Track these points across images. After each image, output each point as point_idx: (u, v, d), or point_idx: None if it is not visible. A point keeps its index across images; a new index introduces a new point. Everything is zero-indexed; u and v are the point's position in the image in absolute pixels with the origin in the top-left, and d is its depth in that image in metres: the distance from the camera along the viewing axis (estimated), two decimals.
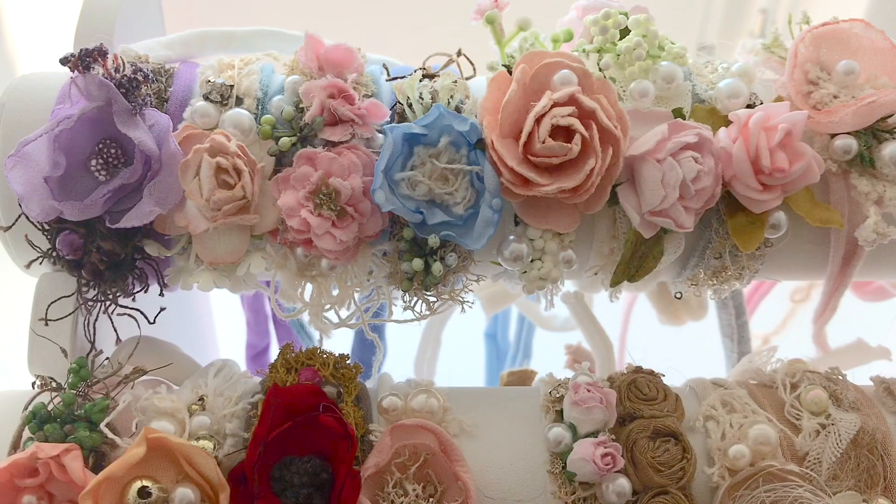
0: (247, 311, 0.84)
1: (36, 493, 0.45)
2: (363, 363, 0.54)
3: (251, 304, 0.83)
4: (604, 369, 0.67)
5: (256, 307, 0.83)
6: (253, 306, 0.83)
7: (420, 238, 0.50)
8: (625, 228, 0.53)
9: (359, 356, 0.70)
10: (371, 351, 0.58)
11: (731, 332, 0.69)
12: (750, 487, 0.47)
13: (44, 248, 0.51)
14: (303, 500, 0.45)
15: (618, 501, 0.47)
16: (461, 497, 0.46)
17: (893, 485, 0.49)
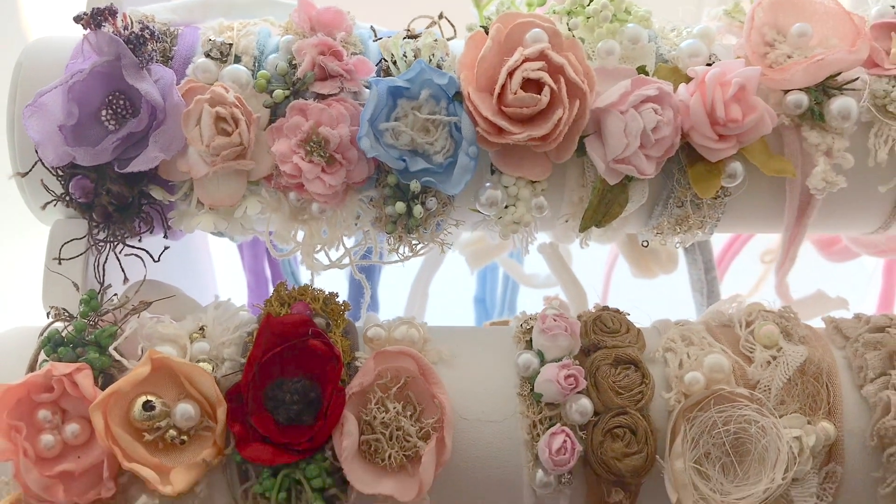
0: (248, 274, 0.88)
1: (50, 408, 0.50)
2: (353, 308, 0.59)
3: (252, 267, 0.88)
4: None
5: (257, 270, 0.88)
6: (253, 269, 0.88)
7: (403, 184, 0.55)
8: (593, 178, 0.57)
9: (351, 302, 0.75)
10: (361, 297, 0.62)
11: (701, 286, 0.73)
12: (702, 409, 0.51)
13: (58, 193, 0.56)
14: (293, 416, 0.50)
15: (581, 420, 0.51)
16: (437, 415, 0.51)
17: (836, 410, 0.53)
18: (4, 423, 0.48)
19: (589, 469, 0.52)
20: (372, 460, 0.50)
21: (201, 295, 0.82)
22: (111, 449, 0.48)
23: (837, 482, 0.53)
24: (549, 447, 0.50)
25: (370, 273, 0.73)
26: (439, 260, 0.76)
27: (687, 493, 0.49)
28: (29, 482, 0.48)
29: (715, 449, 0.51)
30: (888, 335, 0.55)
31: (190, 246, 0.82)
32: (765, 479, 0.49)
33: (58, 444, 0.49)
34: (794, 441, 0.51)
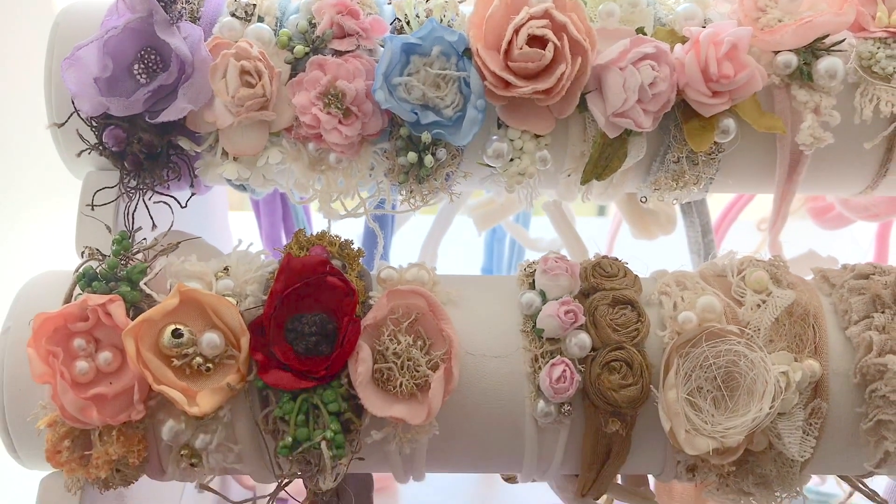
0: (265, 242, 0.92)
1: (85, 336, 0.53)
2: (367, 259, 0.62)
3: (269, 235, 0.92)
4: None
5: (274, 238, 0.91)
6: (270, 237, 0.92)
7: (414, 136, 0.58)
8: (594, 133, 0.61)
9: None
10: (374, 249, 0.66)
11: (698, 248, 0.77)
12: (694, 345, 0.54)
13: (92, 142, 0.59)
14: (311, 347, 0.53)
15: (579, 354, 0.54)
16: (445, 347, 0.54)
17: (821, 349, 0.56)
18: (43, 350, 0.52)
19: (587, 401, 0.55)
20: (384, 388, 0.53)
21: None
22: (142, 373, 0.51)
23: (823, 418, 0.56)
24: (549, 376, 0.53)
25: (383, 227, 0.77)
26: (447, 223, 0.80)
27: (679, 422, 0.53)
28: (65, 403, 0.51)
29: (706, 383, 0.54)
30: (872, 281, 0.58)
31: (209, 218, 0.85)
32: (753, 410, 0.52)
33: (91, 370, 0.53)
34: (780, 376, 0.54)
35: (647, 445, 0.57)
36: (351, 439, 0.53)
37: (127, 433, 0.53)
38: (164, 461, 0.56)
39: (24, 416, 0.55)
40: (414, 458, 0.57)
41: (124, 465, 0.54)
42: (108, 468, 0.53)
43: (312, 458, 0.52)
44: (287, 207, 0.90)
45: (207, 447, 0.54)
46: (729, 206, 0.85)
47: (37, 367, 0.52)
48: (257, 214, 0.89)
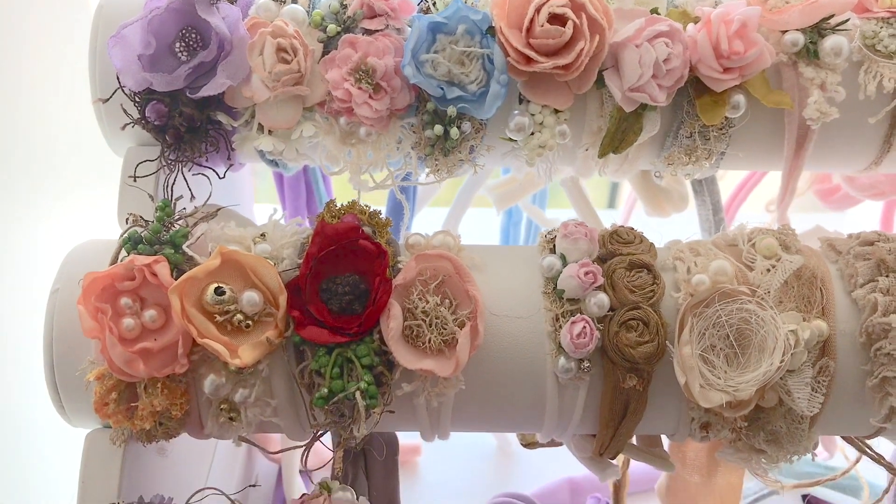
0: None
1: (131, 295, 0.56)
2: (394, 230, 0.66)
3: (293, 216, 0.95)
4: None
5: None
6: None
7: (440, 110, 0.61)
8: (611, 108, 0.64)
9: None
10: (401, 221, 0.69)
11: (710, 226, 0.80)
12: (707, 305, 0.57)
13: (135, 117, 0.63)
14: (345, 306, 0.56)
15: (598, 313, 0.57)
16: (471, 307, 0.57)
17: (829, 311, 0.59)
18: (92, 307, 0.55)
19: (606, 359, 0.58)
20: (414, 344, 0.56)
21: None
22: (186, 327, 0.54)
23: (830, 376, 0.59)
24: (570, 333, 0.56)
25: (408, 200, 0.80)
26: (468, 202, 0.83)
27: (694, 376, 0.55)
28: (113, 357, 0.55)
29: (719, 341, 0.57)
30: (876, 247, 0.61)
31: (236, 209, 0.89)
32: (764, 365, 0.55)
33: (137, 327, 0.56)
34: (790, 334, 0.57)
35: (662, 405, 0.60)
36: (383, 392, 0.56)
37: (170, 386, 0.56)
38: (204, 416, 0.59)
39: (72, 373, 0.59)
40: (441, 412, 0.59)
41: (167, 417, 0.57)
42: (153, 420, 0.56)
43: (346, 409, 0.55)
44: (311, 194, 0.93)
45: (246, 401, 0.57)
46: (738, 187, 0.88)
47: (86, 322, 0.55)
48: (282, 199, 0.92)
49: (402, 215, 0.68)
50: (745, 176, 0.89)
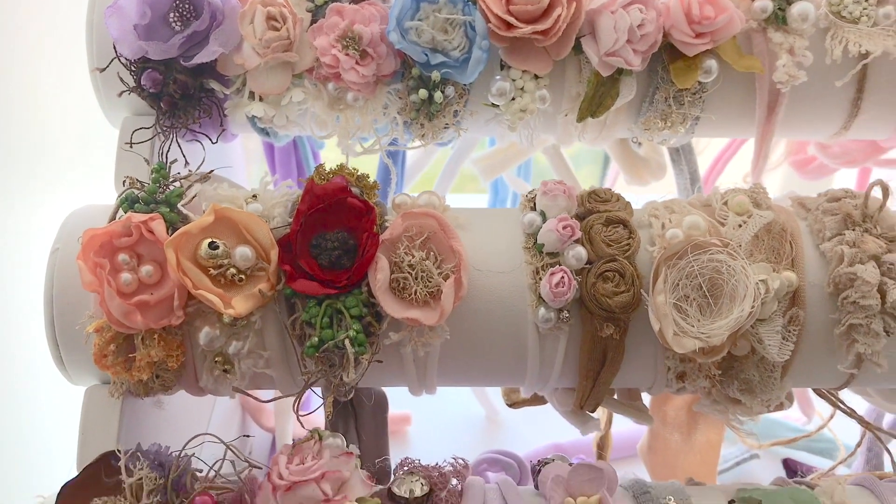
0: None
1: (128, 252, 0.59)
2: (381, 194, 0.68)
3: None
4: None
5: None
6: None
7: (425, 75, 0.64)
8: (588, 74, 0.66)
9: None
10: (388, 187, 0.71)
11: (687, 195, 0.82)
12: (680, 257, 0.60)
13: (131, 85, 0.65)
14: (334, 260, 0.59)
15: (576, 265, 0.60)
16: (455, 261, 0.60)
17: (798, 262, 0.62)
18: (91, 262, 0.57)
19: (584, 309, 0.61)
20: (400, 296, 0.59)
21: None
22: (181, 279, 0.57)
23: (800, 325, 0.61)
24: (549, 283, 0.59)
25: (395, 163, 0.83)
26: (454, 174, 0.85)
27: (668, 323, 0.58)
28: (112, 309, 0.57)
29: (692, 291, 0.59)
30: (843, 203, 0.64)
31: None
32: (735, 312, 0.58)
33: (134, 282, 0.58)
34: (760, 283, 0.59)
35: (639, 356, 0.63)
36: (371, 341, 0.59)
37: (167, 338, 0.58)
38: (199, 369, 0.61)
39: (72, 329, 0.61)
40: (427, 363, 0.62)
41: (163, 369, 0.59)
42: (150, 370, 0.58)
43: (336, 357, 0.58)
44: (301, 168, 0.95)
45: (239, 353, 0.60)
46: (715, 160, 0.91)
47: (86, 276, 0.57)
48: (272, 171, 0.94)
49: (389, 181, 0.70)
50: (722, 148, 0.92)
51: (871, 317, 0.60)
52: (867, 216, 0.63)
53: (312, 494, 0.55)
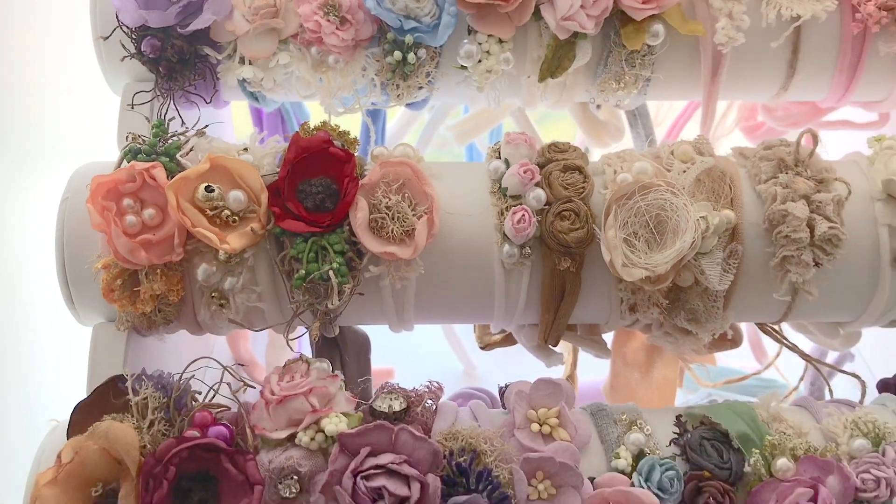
0: None
1: (132, 197, 0.65)
2: (361, 151, 0.75)
3: None
4: None
5: None
6: None
7: (399, 39, 0.71)
8: (548, 38, 0.73)
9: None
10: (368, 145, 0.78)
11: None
12: (629, 197, 0.66)
13: (132, 51, 0.72)
14: (318, 203, 0.65)
15: (536, 206, 0.67)
16: (428, 203, 0.66)
17: (737, 202, 0.68)
18: (99, 205, 0.64)
19: (544, 246, 0.67)
20: (378, 234, 0.65)
21: None
22: (181, 219, 0.63)
23: (739, 258, 0.68)
24: (512, 220, 0.66)
25: (375, 123, 0.89)
26: (430, 137, 0.92)
27: (618, 254, 0.65)
28: (118, 247, 0.63)
29: (640, 228, 0.66)
30: (777, 150, 0.71)
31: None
32: (678, 244, 0.65)
33: (138, 223, 0.64)
34: (701, 219, 0.66)
35: (594, 290, 0.69)
36: (354, 275, 0.65)
37: (168, 273, 0.65)
38: (197, 305, 0.68)
39: (81, 270, 0.67)
40: (405, 296, 0.68)
41: (165, 303, 0.66)
42: (153, 303, 0.65)
43: (321, 288, 0.64)
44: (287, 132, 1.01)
45: (234, 288, 0.66)
46: (672, 125, 0.98)
47: (95, 218, 0.64)
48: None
49: (369, 141, 0.77)
50: (677, 115, 0.99)
51: (801, 249, 0.67)
52: (799, 161, 0.70)
53: (301, 407, 0.61)
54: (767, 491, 0.61)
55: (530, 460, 0.61)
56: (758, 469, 0.62)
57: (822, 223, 0.67)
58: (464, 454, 0.61)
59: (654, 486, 0.61)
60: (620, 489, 0.60)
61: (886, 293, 0.70)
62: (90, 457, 0.59)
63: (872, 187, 0.70)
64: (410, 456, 0.59)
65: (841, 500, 0.62)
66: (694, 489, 0.61)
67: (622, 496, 0.60)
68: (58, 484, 0.59)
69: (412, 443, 0.59)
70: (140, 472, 0.59)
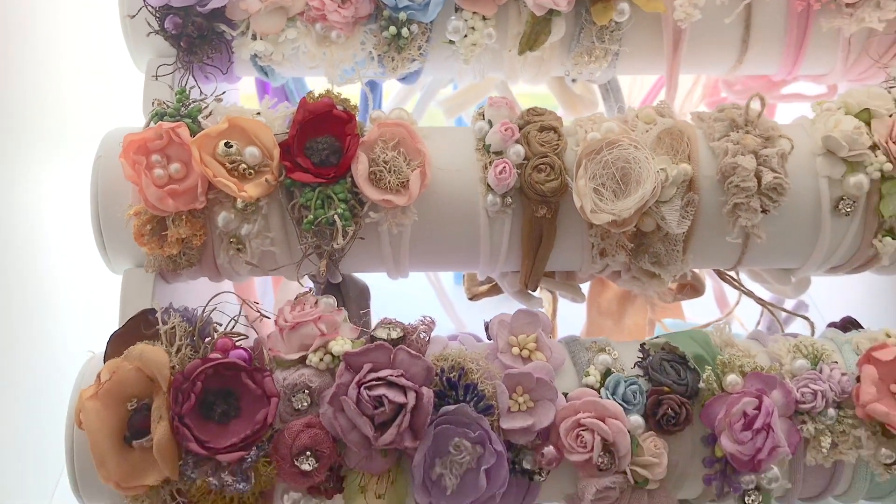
0: None
1: (160, 153, 0.74)
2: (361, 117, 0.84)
3: None
4: None
5: None
6: None
7: (394, 16, 0.80)
8: (526, 16, 0.82)
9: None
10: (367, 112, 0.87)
11: None
12: (598, 152, 0.75)
13: (156, 28, 0.81)
14: (324, 158, 0.74)
15: (516, 160, 0.75)
16: (421, 159, 0.75)
17: (693, 157, 0.77)
18: (130, 159, 0.73)
19: (523, 197, 0.76)
20: (377, 184, 0.74)
21: None
22: (204, 171, 0.72)
23: (695, 207, 0.77)
24: (494, 172, 0.74)
25: (373, 93, 0.98)
26: (423, 111, 1.01)
27: (587, 200, 0.74)
28: (148, 195, 0.72)
29: (607, 180, 0.75)
30: (729, 111, 0.80)
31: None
32: (640, 192, 0.74)
33: (165, 176, 0.73)
34: (661, 171, 0.75)
35: (568, 238, 0.78)
36: (356, 221, 0.74)
37: (192, 220, 0.74)
38: (217, 250, 0.76)
39: (113, 220, 0.76)
40: (401, 243, 0.77)
41: (189, 246, 0.74)
42: (178, 246, 0.73)
43: (328, 231, 0.73)
44: None
45: (249, 234, 0.75)
46: (641, 102, 1.07)
47: (127, 171, 0.72)
48: None
49: (368, 109, 0.86)
50: (647, 92, 1.08)
51: (749, 196, 0.76)
52: (748, 121, 0.79)
53: (311, 332, 0.70)
54: (719, 403, 0.70)
55: (511, 376, 0.69)
56: (710, 384, 0.71)
57: (768, 174, 0.76)
58: (453, 371, 0.69)
59: (619, 398, 0.70)
60: (589, 400, 0.69)
61: (828, 238, 0.79)
62: (126, 375, 0.68)
63: (814, 144, 0.79)
64: (407, 371, 0.68)
65: (783, 411, 0.71)
66: (655, 402, 0.70)
67: (591, 406, 0.69)
68: (98, 398, 0.67)
69: (408, 360, 0.68)
70: (170, 388, 0.67)
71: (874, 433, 0.72)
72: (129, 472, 0.67)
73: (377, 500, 0.67)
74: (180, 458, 0.67)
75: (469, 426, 0.67)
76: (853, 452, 0.72)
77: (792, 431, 0.71)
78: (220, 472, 0.66)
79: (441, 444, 0.67)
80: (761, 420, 0.67)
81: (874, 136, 0.78)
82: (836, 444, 0.72)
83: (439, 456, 0.67)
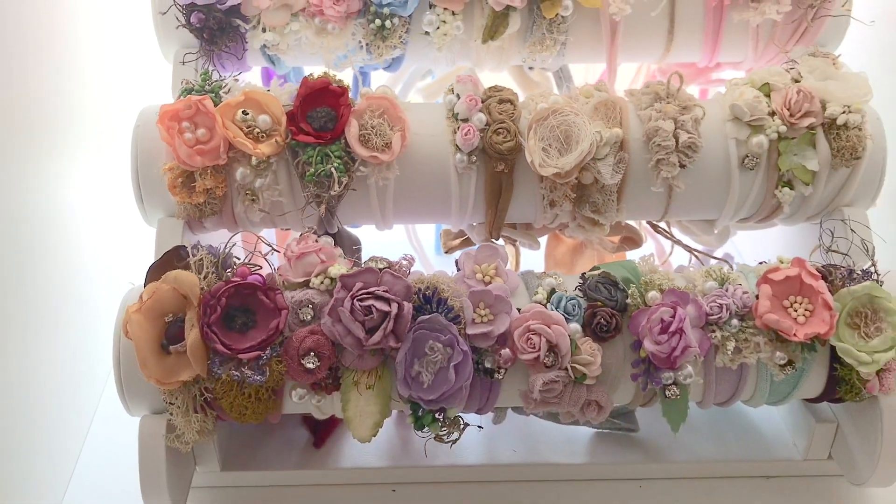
0: None
1: (189, 120, 0.91)
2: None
3: None
4: None
5: None
6: None
7: (379, 11, 0.98)
8: (488, 11, 1.00)
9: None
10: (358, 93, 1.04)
11: None
12: (545, 119, 0.93)
13: (182, 22, 0.98)
14: (323, 125, 0.91)
15: (479, 125, 0.93)
16: (402, 125, 0.92)
17: (624, 123, 0.95)
18: (165, 125, 0.90)
19: (486, 156, 0.93)
20: (366, 144, 0.91)
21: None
22: (225, 133, 0.89)
23: (626, 163, 0.94)
24: (461, 133, 0.92)
25: (364, 78, 1.16)
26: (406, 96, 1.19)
27: (537, 156, 0.91)
28: (180, 153, 0.89)
29: (553, 141, 0.92)
30: (654, 86, 0.97)
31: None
32: (579, 149, 0.91)
33: (193, 139, 0.90)
34: (596, 133, 0.92)
35: (523, 192, 0.95)
36: (349, 174, 0.91)
37: (215, 174, 0.90)
38: (234, 202, 0.93)
39: (149, 178, 0.92)
40: (386, 195, 0.94)
41: (212, 197, 0.91)
42: (204, 196, 0.90)
43: (326, 181, 0.90)
44: None
45: (262, 186, 0.91)
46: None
47: (163, 134, 0.89)
48: None
49: (358, 92, 1.03)
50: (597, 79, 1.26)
51: (669, 153, 0.93)
52: (669, 94, 0.97)
53: (313, 261, 0.87)
54: (642, 314, 0.87)
55: (475, 293, 0.86)
56: (636, 300, 0.88)
57: (684, 134, 0.93)
58: (428, 290, 0.86)
59: (561, 310, 0.86)
60: (537, 311, 0.86)
61: (737, 190, 0.96)
62: (164, 294, 0.84)
63: (724, 112, 0.97)
64: (391, 289, 0.84)
65: (695, 322, 0.88)
66: (591, 314, 0.87)
67: (538, 315, 0.85)
68: (141, 312, 0.84)
69: (392, 280, 0.85)
70: (200, 304, 0.84)
71: (770, 340, 0.89)
72: (166, 371, 0.84)
73: (367, 390, 0.84)
74: (208, 358, 0.83)
75: (441, 331, 0.84)
76: (754, 355, 0.89)
77: (703, 339, 0.88)
78: (241, 367, 0.82)
79: (418, 347, 0.84)
80: (675, 325, 0.84)
81: (772, 105, 0.95)
82: (739, 350, 0.89)
83: (417, 356, 0.84)
